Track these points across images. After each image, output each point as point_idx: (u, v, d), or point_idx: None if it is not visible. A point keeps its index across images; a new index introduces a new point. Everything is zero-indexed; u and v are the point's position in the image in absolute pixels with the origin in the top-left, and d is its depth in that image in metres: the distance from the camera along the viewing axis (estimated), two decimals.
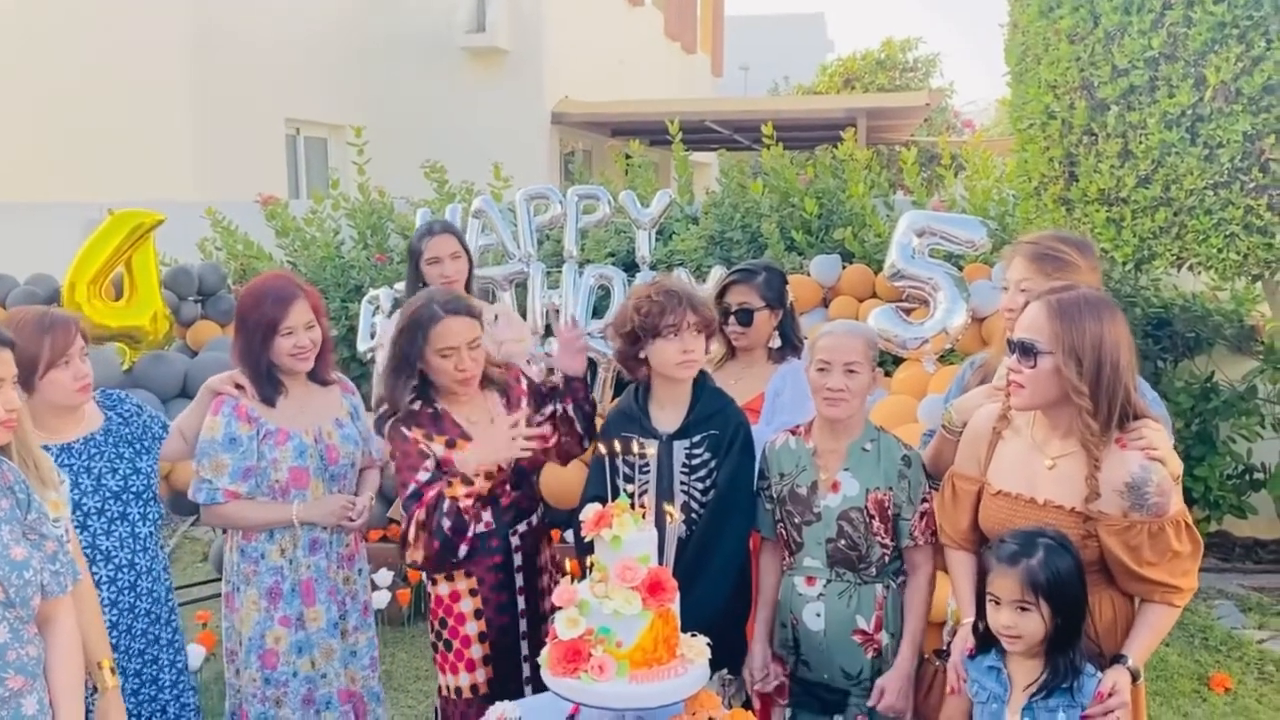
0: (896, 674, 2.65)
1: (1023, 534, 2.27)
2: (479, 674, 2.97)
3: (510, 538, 2.97)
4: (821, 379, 2.69)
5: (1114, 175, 4.35)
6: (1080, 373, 2.24)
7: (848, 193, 5.91)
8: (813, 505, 2.71)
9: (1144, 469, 2.24)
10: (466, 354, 2.85)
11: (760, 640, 2.82)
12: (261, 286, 3.00)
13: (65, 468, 2.66)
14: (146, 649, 2.82)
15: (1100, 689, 2.21)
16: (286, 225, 6.97)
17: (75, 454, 2.74)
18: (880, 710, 2.66)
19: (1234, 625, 4.97)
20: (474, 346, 2.87)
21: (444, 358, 2.84)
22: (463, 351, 2.84)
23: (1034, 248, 2.74)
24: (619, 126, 14.06)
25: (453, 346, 2.84)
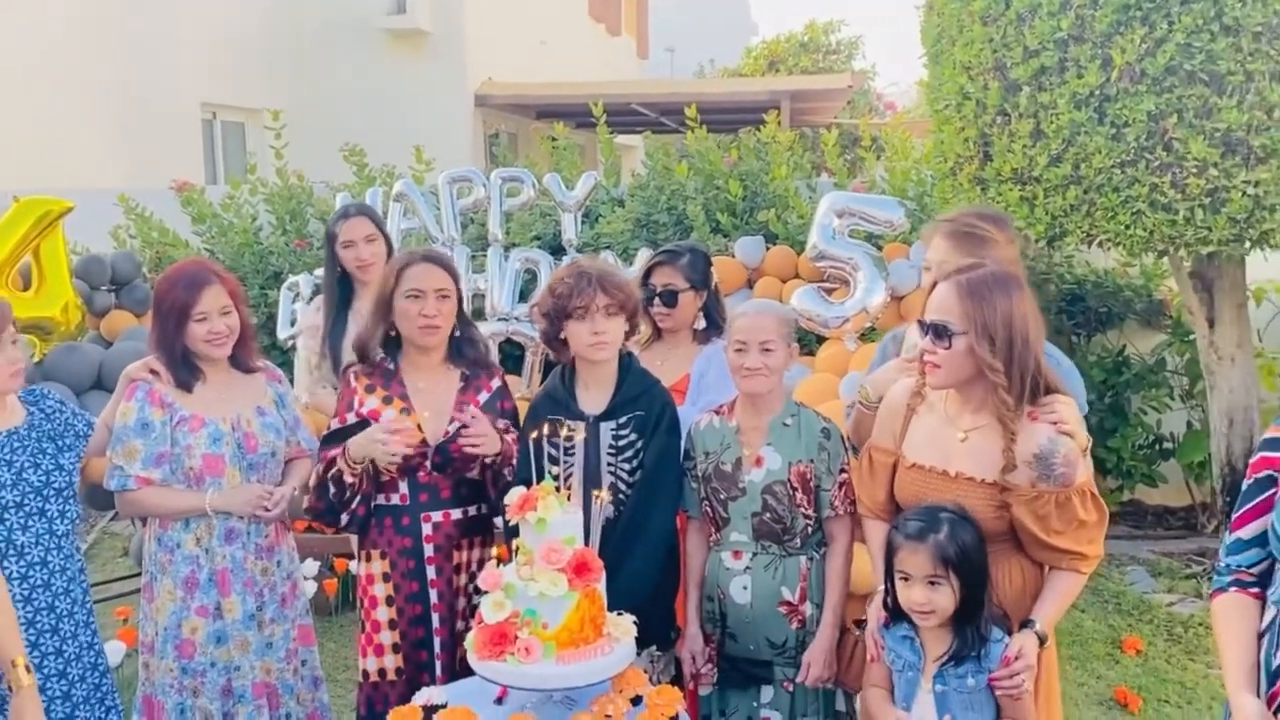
0: (820, 646, 2.71)
1: (925, 510, 2.32)
2: (388, 660, 2.95)
3: (422, 522, 2.93)
4: (739, 358, 2.73)
5: (1026, 154, 4.46)
6: (994, 350, 2.30)
7: (771, 175, 5.96)
8: (738, 481, 2.75)
9: (1051, 441, 2.30)
10: (433, 301, 2.88)
11: (694, 621, 2.85)
12: (175, 272, 2.96)
13: None
14: (63, 648, 2.76)
15: (1007, 653, 2.27)
16: (203, 212, 6.82)
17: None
18: (809, 684, 2.71)
19: (1145, 590, 5.15)
20: (443, 296, 2.90)
21: (410, 299, 2.88)
22: (429, 297, 2.88)
23: (952, 225, 2.79)
24: (544, 109, 13.98)
25: (420, 289, 2.88)
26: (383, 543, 2.95)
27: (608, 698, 2.42)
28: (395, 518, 2.94)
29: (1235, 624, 2.12)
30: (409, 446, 2.81)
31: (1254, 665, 2.08)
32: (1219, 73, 4.01)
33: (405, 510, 2.94)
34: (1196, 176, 4.08)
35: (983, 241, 2.69)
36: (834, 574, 2.75)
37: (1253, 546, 2.14)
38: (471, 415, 2.89)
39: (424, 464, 2.91)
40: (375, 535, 2.97)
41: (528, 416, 2.95)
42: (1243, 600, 2.13)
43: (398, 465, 2.87)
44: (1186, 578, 5.30)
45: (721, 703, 2.83)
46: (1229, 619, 2.14)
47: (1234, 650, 2.10)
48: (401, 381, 2.97)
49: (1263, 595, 2.13)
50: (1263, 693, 2.05)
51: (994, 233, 2.75)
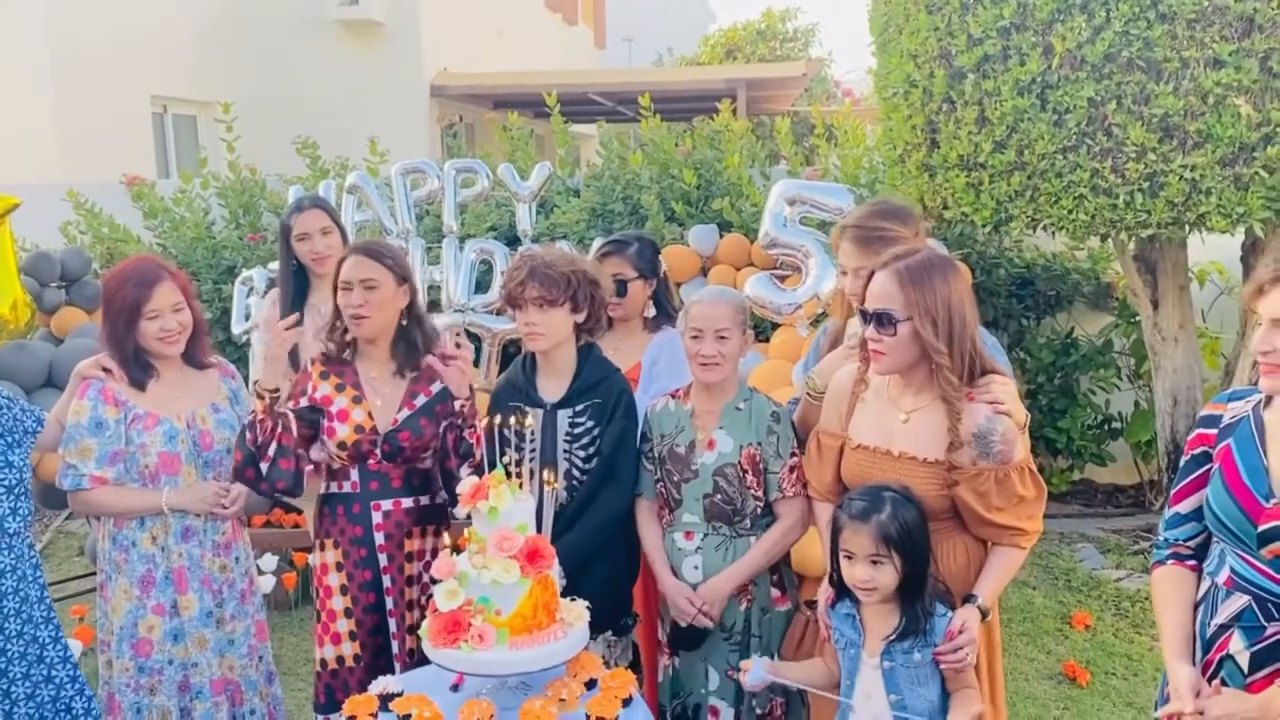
0: (716, 581, 2.73)
1: (869, 490, 2.37)
2: (345, 647, 2.97)
3: (372, 511, 2.95)
4: (695, 345, 2.77)
5: (972, 141, 4.53)
6: (937, 333, 2.35)
7: (725, 163, 6.00)
8: (691, 463, 2.79)
9: (989, 420, 2.36)
10: (359, 292, 2.89)
11: (668, 585, 2.81)
12: (125, 270, 2.95)
13: None
14: (27, 650, 2.75)
15: (950, 628, 2.33)
16: (154, 206, 6.76)
17: None
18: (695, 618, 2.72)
19: (1094, 567, 5.27)
20: (368, 287, 2.90)
21: (341, 291, 2.92)
22: (355, 288, 2.89)
23: (857, 232, 2.80)
24: (500, 99, 13.93)
25: (347, 280, 2.91)
26: (335, 531, 2.97)
27: (562, 682, 2.45)
28: (346, 506, 2.97)
29: (1172, 595, 2.21)
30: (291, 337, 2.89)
31: (1190, 635, 2.16)
32: (1156, 60, 4.10)
33: (356, 498, 2.96)
34: (1135, 161, 4.17)
35: (889, 241, 2.71)
36: (764, 540, 2.78)
37: (1189, 521, 2.24)
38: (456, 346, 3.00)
39: (374, 452, 2.93)
40: (328, 524, 2.99)
41: (490, 403, 2.98)
42: (1180, 572, 2.22)
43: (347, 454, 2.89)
44: (1134, 554, 5.43)
45: (674, 687, 2.88)
46: (1166, 591, 2.23)
47: (1171, 621, 2.20)
48: (355, 370, 3.00)
49: (1199, 568, 2.21)
50: (1198, 660, 2.14)
51: (899, 229, 2.77)
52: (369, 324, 2.94)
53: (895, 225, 2.78)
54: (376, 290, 2.92)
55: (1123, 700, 4.01)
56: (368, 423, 2.92)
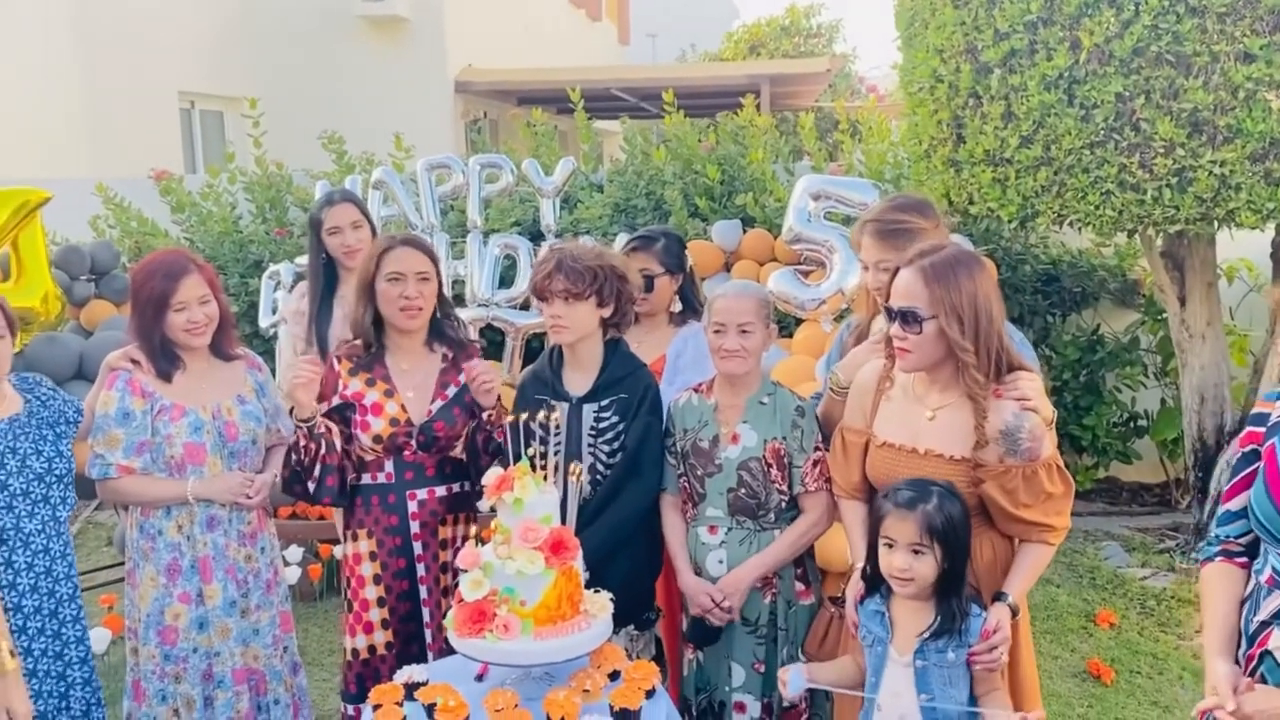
0: (735, 575, 2.74)
1: (916, 482, 2.36)
2: (377, 636, 3.01)
3: (408, 500, 2.99)
4: (717, 339, 2.78)
5: (998, 136, 4.50)
6: (963, 330, 2.34)
7: (748, 159, 6.00)
8: (714, 457, 2.80)
9: (1017, 417, 2.35)
10: (413, 283, 2.94)
11: (689, 580, 2.83)
12: (152, 262, 2.98)
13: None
14: (60, 631, 2.80)
15: (986, 627, 2.32)
16: (182, 201, 6.81)
17: (1, 435, 2.69)
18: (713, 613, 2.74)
19: (1119, 565, 5.24)
20: (423, 279, 2.96)
21: (391, 282, 2.94)
22: (409, 280, 2.93)
23: (878, 225, 2.80)
24: (525, 95, 13.95)
25: (400, 272, 2.93)
26: (369, 521, 3.00)
27: (585, 673, 2.47)
28: (381, 496, 3.00)
29: (1219, 592, 2.17)
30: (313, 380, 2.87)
31: (1234, 632, 2.12)
32: (1185, 54, 4.06)
33: (391, 488, 3.00)
34: (1164, 156, 4.14)
35: (911, 234, 2.71)
36: (787, 534, 2.79)
37: (1240, 518, 2.18)
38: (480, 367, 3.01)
39: (409, 443, 2.97)
40: (362, 514, 3.02)
41: (516, 396, 3.02)
42: (1228, 569, 2.18)
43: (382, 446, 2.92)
44: (1160, 552, 5.39)
45: (699, 681, 2.88)
46: (1213, 587, 2.19)
47: (1215, 617, 2.16)
48: (384, 363, 3.03)
49: (1249, 565, 2.18)
50: (1241, 654, 2.11)
51: (920, 222, 2.76)
52: (422, 316, 3.00)
53: (915, 218, 2.77)
54: (429, 282, 2.98)
55: (1148, 699, 3.99)
56: (402, 415, 2.96)
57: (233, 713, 2.99)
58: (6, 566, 2.67)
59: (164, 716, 2.96)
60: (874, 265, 2.78)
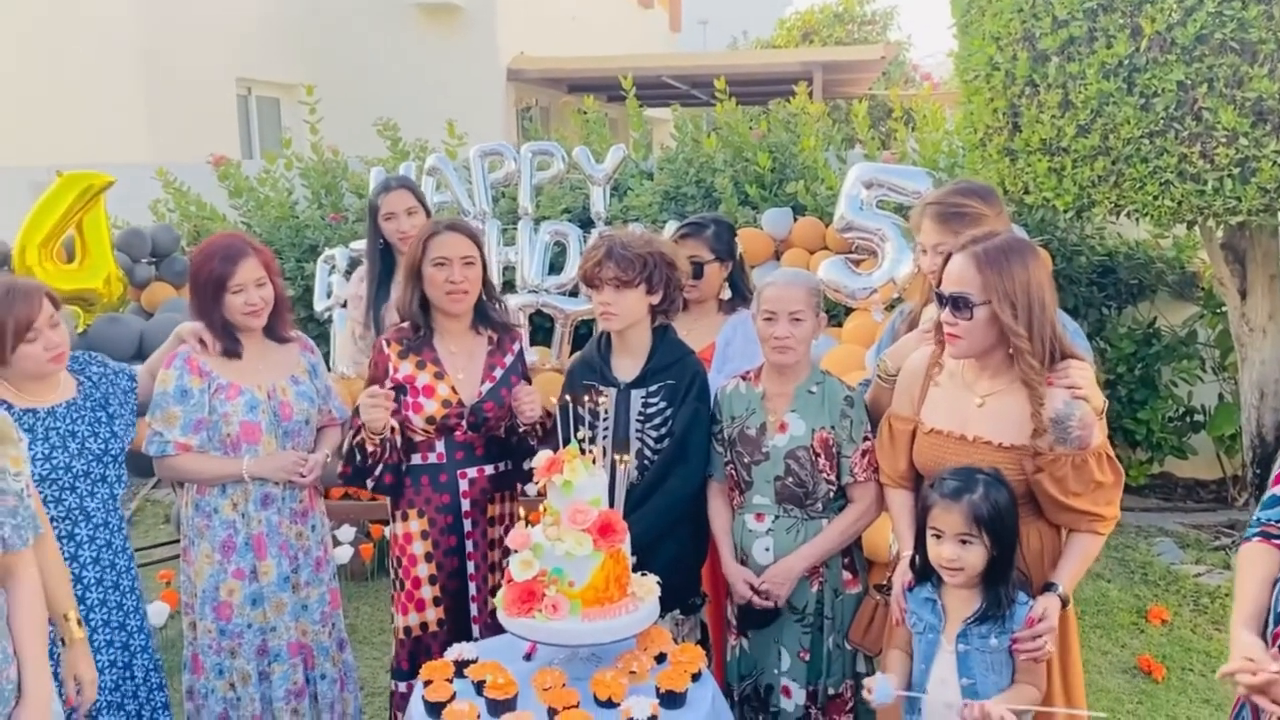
0: (783, 566, 2.75)
1: (962, 470, 2.35)
2: (429, 613, 3.08)
3: (459, 479, 3.05)
4: (768, 328, 2.78)
5: (1055, 125, 4.44)
6: (1016, 316, 2.32)
7: (800, 146, 5.96)
8: (761, 445, 2.80)
9: (1067, 405, 2.33)
10: (459, 267, 2.99)
11: (732, 569, 2.85)
12: (210, 245, 3.04)
13: (52, 431, 2.72)
14: (123, 602, 2.88)
15: (1031, 614, 2.31)
16: (240, 186, 6.93)
17: (59, 418, 2.77)
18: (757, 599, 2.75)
19: (1173, 561, 5.16)
20: (468, 263, 3.01)
21: (437, 266, 2.99)
22: (455, 264, 2.98)
23: (939, 208, 2.77)
24: (576, 83, 13.99)
25: (446, 257, 2.98)
26: (420, 501, 3.06)
27: (632, 654, 2.49)
28: (433, 476, 3.06)
29: (1251, 570, 2.19)
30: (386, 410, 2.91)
31: (1262, 609, 2.14)
32: (1250, 41, 3.97)
33: (442, 468, 3.06)
34: (1226, 146, 4.05)
35: (972, 219, 2.68)
36: (835, 524, 2.79)
37: None
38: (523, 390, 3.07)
39: (460, 424, 3.03)
40: (412, 494, 3.07)
41: (565, 380, 3.05)
42: (1265, 549, 2.19)
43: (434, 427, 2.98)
44: (1215, 549, 5.30)
45: (744, 667, 2.90)
46: (1246, 565, 2.21)
47: (1245, 593, 2.18)
48: (433, 346, 3.08)
49: None
50: (1267, 634, 2.10)
51: (982, 208, 2.73)
52: (468, 300, 3.05)
53: (977, 203, 2.74)
54: (474, 266, 3.03)
55: (1199, 696, 3.93)
56: (453, 396, 3.02)
57: (289, 684, 3.06)
58: (69, 540, 2.75)
59: (221, 689, 3.03)
60: (931, 248, 2.76)
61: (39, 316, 2.66)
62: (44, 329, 2.67)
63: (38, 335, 2.66)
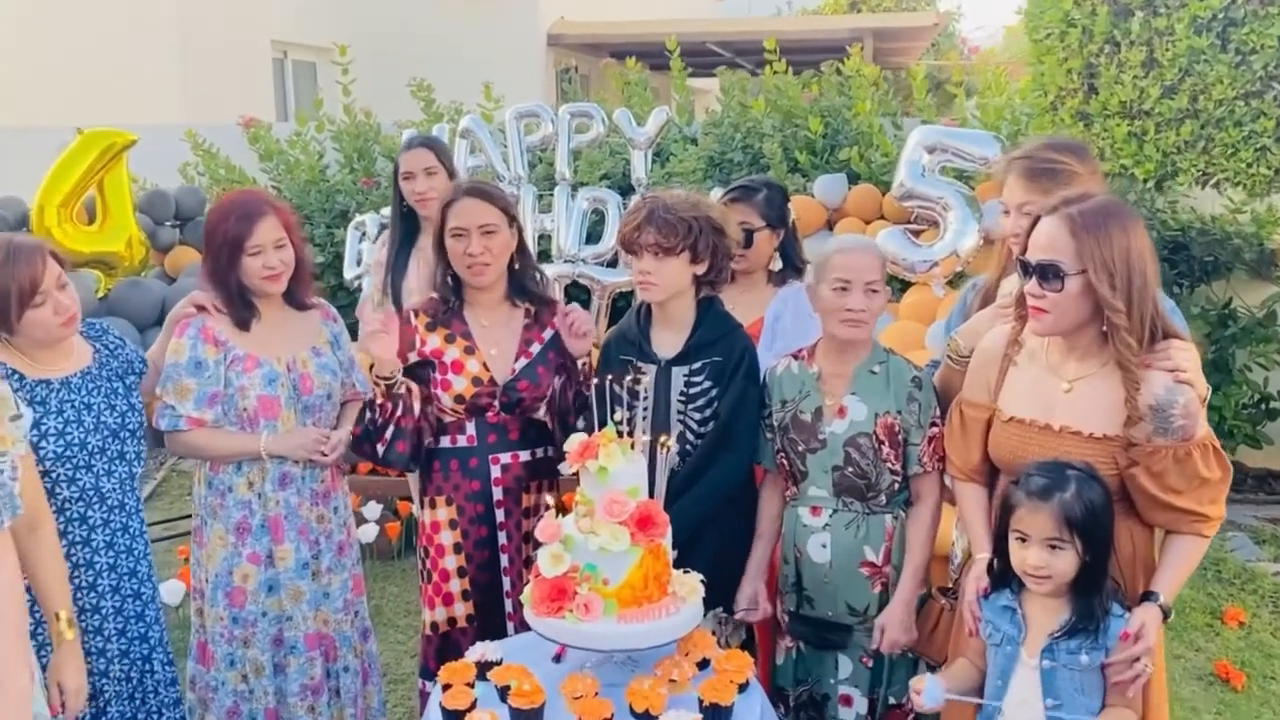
0: (897, 608, 2.52)
1: (1050, 466, 2.10)
2: (458, 608, 2.86)
3: (491, 465, 2.81)
4: (840, 299, 2.50)
5: (1137, 86, 4.11)
6: (1114, 289, 2.06)
7: (854, 111, 5.67)
8: (817, 432, 2.54)
9: (1169, 390, 2.08)
10: (477, 238, 2.73)
11: (753, 571, 2.68)
12: (227, 203, 2.81)
13: (66, 404, 2.52)
14: (140, 590, 2.69)
15: (1127, 628, 2.05)
16: (270, 149, 6.75)
17: (74, 389, 2.56)
18: (884, 650, 2.52)
19: (1248, 558, 4.84)
20: (488, 232, 2.74)
21: (455, 238, 2.75)
22: (472, 235, 2.73)
23: (1027, 164, 2.53)
24: (617, 48, 13.66)
25: (463, 227, 2.73)
26: (448, 488, 2.84)
27: (672, 660, 2.30)
28: (462, 460, 2.83)
29: None
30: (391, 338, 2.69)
31: None
32: None
33: (473, 452, 2.83)
34: None
35: (1064, 176, 2.45)
36: (918, 534, 2.55)
37: None
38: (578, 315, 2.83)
39: (492, 404, 2.79)
40: (440, 480, 2.85)
41: (601, 356, 2.82)
42: None
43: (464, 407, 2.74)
44: None
45: (799, 672, 2.65)
46: None
47: None
48: (464, 319, 2.84)
49: None
50: None
51: (1075, 165, 2.49)
52: (491, 272, 2.79)
53: (1071, 160, 2.49)
54: (495, 235, 2.76)
55: None
56: (484, 374, 2.78)
57: (306, 679, 2.86)
58: (80, 523, 2.54)
59: (232, 682, 2.83)
60: (1016, 208, 2.50)
61: (45, 278, 2.43)
62: (51, 291, 2.45)
63: (45, 298, 2.44)
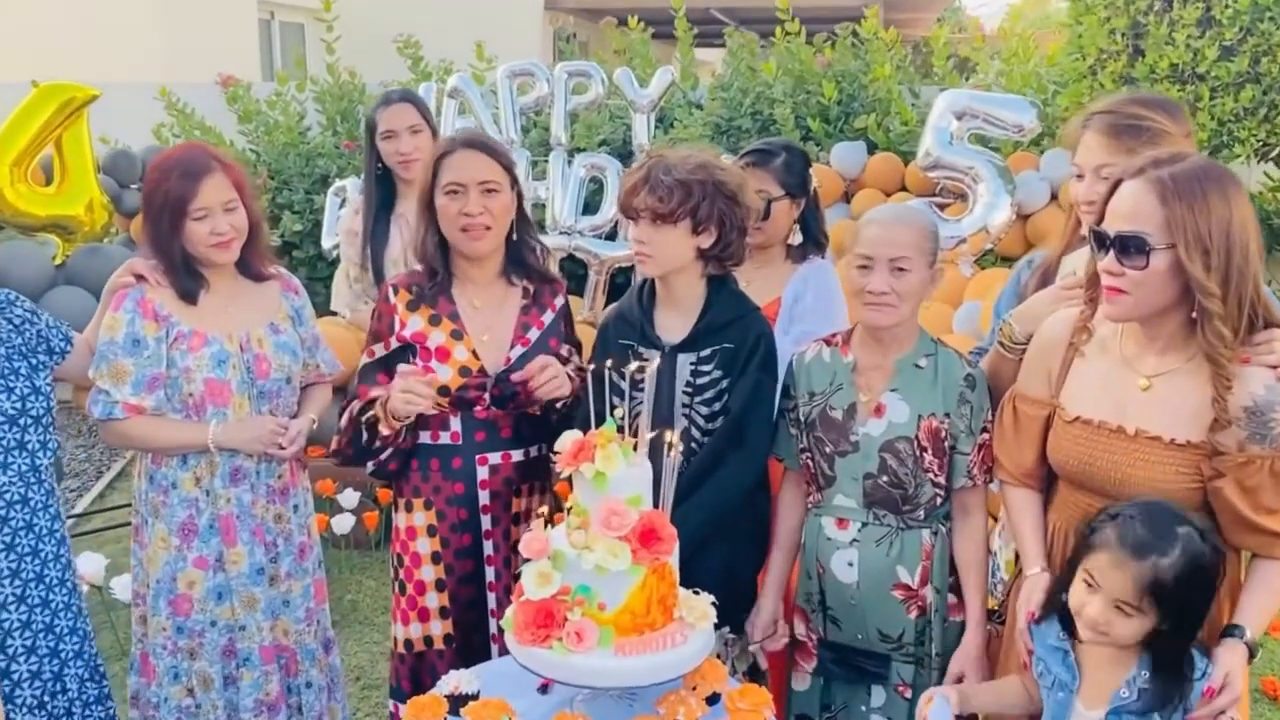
0: (972, 650, 2.18)
1: (1160, 514, 1.77)
2: (434, 626, 2.52)
3: (477, 465, 2.47)
4: (862, 278, 2.16)
5: (1190, 47, 3.78)
6: (1209, 267, 1.75)
7: (871, 76, 5.34)
8: (849, 432, 2.20)
9: (1270, 390, 1.79)
10: (476, 195, 2.36)
11: (772, 590, 2.36)
12: (168, 160, 2.45)
13: None
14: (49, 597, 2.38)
15: (1211, 684, 1.75)
16: (249, 109, 6.39)
17: None
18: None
19: None
20: (489, 191, 2.38)
21: (449, 195, 2.37)
22: (471, 191, 2.36)
23: (1110, 119, 2.21)
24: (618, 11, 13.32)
25: (459, 183, 2.37)
26: (428, 490, 2.49)
27: (678, 696, 1.97)
28: (444, 460, 2.47)
29: None
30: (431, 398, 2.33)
31: None
32: None
33: (457, 451, 2.46)
34: None
35: (1153, 135, 2.14)
36: (973, 554, 2.21)
37: None
38: (541, 365, 2.40)
39: (481, 398, 2.43)
40: (419, 481, 2.49)
41: (597, 339, 2.45)
42: None
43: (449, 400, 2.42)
44: None
45: (825, 698, 2.33)
46: None
47: None
48: (451, 298, 2.46)
49: None
50: None
51: (1166, 123, 2.18)
52: (489, 238, 2.41)
53: (1161, 117, 2.17)
54: (497, 195, 2.39)
55: None
56: (474, 363, 2.42)
57: (261, 694, 2.55)
58: None
59: (177, 696, 2.52)
60: (1093, 171, 2.19)
61: None
62: None
63: None
